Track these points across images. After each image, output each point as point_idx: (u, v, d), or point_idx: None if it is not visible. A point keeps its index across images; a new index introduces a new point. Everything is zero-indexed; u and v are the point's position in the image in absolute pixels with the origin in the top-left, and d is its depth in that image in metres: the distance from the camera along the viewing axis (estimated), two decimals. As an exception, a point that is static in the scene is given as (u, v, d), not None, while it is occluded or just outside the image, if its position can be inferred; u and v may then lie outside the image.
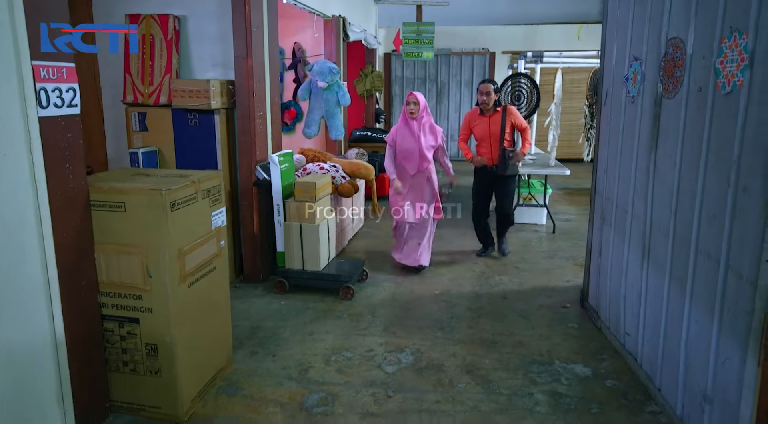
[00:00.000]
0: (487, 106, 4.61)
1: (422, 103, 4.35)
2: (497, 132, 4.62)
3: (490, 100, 4.58)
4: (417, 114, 4.32)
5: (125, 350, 2.54)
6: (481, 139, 4.72)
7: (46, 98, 2.15)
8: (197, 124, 4.19)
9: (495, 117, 4.65)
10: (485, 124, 4.67)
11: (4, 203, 2.02)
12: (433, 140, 4.41)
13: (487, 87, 4.59)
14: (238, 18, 4.04)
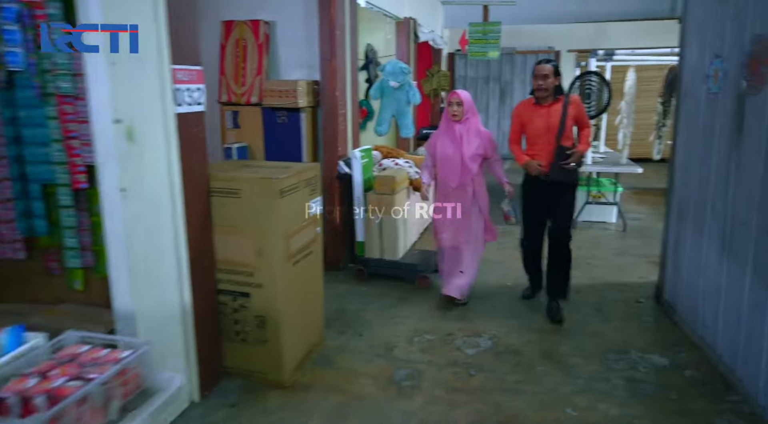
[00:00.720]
0: (544, 94, 3.51)
1: (467, 103, 3.68)
2: (556, 125, 3.50)
3: (549, 85, 3.48)
4: (461, 116, 3.66)
5: (237, 321, 2.85)
6: (536, 137, 3.59)
7: (180, 97, 2.46)
8: (285, 121, 4.51)
9: (555, 108, 3.53)
10: (542, 117, 3.54)
11: (150, 191, 2.35)
12: (479, 147, 3.69)
13: (544, 68, 3.48)
14: (324, 22, 4.32)
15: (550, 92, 3.51)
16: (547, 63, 3.51)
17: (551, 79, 3.48)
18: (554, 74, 3.49)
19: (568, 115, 3.50)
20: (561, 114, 3.50)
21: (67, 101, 2.29)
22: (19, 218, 2.50)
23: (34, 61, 2.26)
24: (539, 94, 3.52)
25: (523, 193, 3.76)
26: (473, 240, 3.82)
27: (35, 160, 2.42)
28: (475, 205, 3.78)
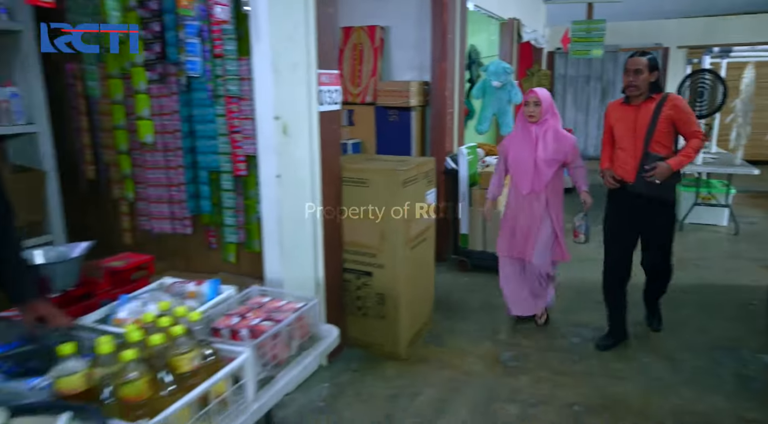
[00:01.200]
0: (635, 92, 2.98)
1: (545, 103, 3.30)
2: (644, 128, 2.98)
3: (641, 83, 2.95)
4: (538, 117, 3.27)
5: (359, 297, 3.19)
6: (622, 141, 3.10)
7: (323, 97, 2.84)
8: (396, 119, 4.84)
9: (646, 108, 3.00)
10: (630, 118, 3.04)
11: (297, 178, 2.74)
12: (558, 153, 3.28)
13: (637, 61, 2.96)
14: (436, 26, 4.60)
15: (642, 90, 2.97)
16: (642, 55, 2.98)
17: (645, 75, 2.95)
18: (650, 69, 2.96)
19: (660, 117, 2.95)
20: (652, 115, 2.97)
21: (233, 101, 2.72)
22: (189, 199, 2.99)
23: (209, 68, 2.72)
24: (629, 92, 3.02)
25: (607, 205, 3.26)
26: (544, 256, 3.40)
27: (205, 151, 2.89)
28: (547, 216, 3.36)
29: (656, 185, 2.94)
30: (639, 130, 3.01)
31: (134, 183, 3.14)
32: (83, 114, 3.19)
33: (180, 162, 2.95)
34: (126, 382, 1.22)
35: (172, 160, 2.98)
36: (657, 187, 2.95)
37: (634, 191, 3.03)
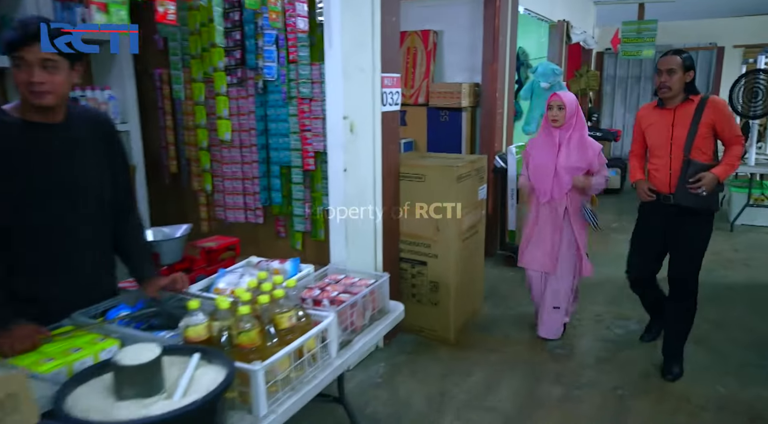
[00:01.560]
0: (668, 94, 2.76)
1: (570, 107, 3.12)
2: (682, 135, 2.76)
3: (675, 83, 2.72)
4: (562, 121, 3.10)
5: (414, 285, 3.43)
6: (656, 148, 2.88)
7: (385, 99, 3.09)
8: (447, 120, 5.05)
9: (683, 112, 2.77)
10: (664, 123, 2.82)
11: (360, 173, 3.00)
12: (581, 161, 3.12)
13: (669, 61, 2.73)
14: (488, 30, 4.79)
15: (675, 92, 2.75)
16: (675, 54, 2.76)
17: (678, 75, 2.72)
18: (684, 69, 2.72)
19: (702, 121, 2.73)
20: (691, 119, 2.74)
21: (305, 102, 3.01)
22: (262, 191, 3.30)
23: (284, 73, 3.02)
24: (661, 94, 2.79)
25: (638, 215, 3.09)
26: (565, 269, 3.27)
27: (277, 147, 3.20)
28: (568, 227, 3.21)
29: (700, 198, 2.72)
30: (677, 136, 2.78)
31: (212, 176, 3.48)
32: (169, 114, 3.55)
33: (254, 157, 3.26)
34: (241, 331, 1.49)
35: (248, 155, 3.30)
36: (702, 198, 2.73)
37: (675, 203, 2.79)
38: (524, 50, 6.99)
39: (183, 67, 3.39)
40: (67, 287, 1.69)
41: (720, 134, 2.77)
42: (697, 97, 2.78)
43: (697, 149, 2.75)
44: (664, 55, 2.80)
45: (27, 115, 1.57)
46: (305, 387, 1.60)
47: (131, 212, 1.91)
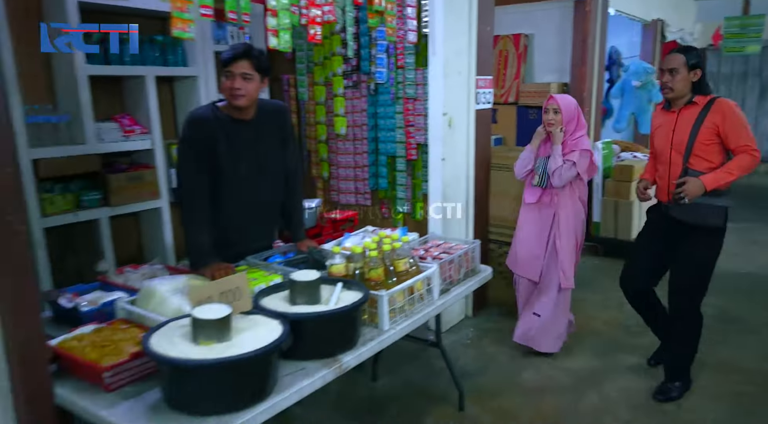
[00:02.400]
0: (670, 94, 2.57)
1: (566, 112, 2.94)
2: (684, 141, 2.55)
3: (677, 84, 2.52)
4: (558, 125, 2.96)
5: (500, 264, 3.85)
6: (659, 153, 2.73)
7: (479, 98, 3.55)
8: (535, 117, 5.39)
9: (686, 115, 2.57)
10: (668, 127, 2.64)
11: (456, 162, 3.47)
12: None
13: (672, 59, 2.54)
14: (577, 33, 5.08)
15: (679, 93, 2.54)
16: (680, 52, 2.56)
17: (682, 75, 2.51)
18: (689, 67, 2.51)
19: (702, 126, 2.49)
20: (693, 123, 2.52)
21: (410, 102, 3.54)
22: (370, 177, 3.87)
23: (392, 77, 3.56)
24: (664, 94, 2.62)
25: (644, 223, 2.94)
26: (549, 278, 3.11)
27: (385, 140, 3.75)
28: (556, 233, 3.04)
29: (695, 210, 2.51)
30: (676, 141, 2.59)
31: (329, 165, 4.10)
32: (294, 112, 4.23)
33: (365, 149, 3.85)
34: (371, 268, 2.04)
35: (359, 147, 3.89)
36: (696, 212, 2.51)
37: (669, 213, 2.61)
38: (616, 49, 7.12)
39: (307, 72, 4.04)
40: (249, 236, 2.34)
41: (724, 141, 2.49)
42: (703, 99, 2.54)
43: (697, 157, 2.51)
44: (669, 52, 2.64)
45: (231, 113, 2.22)
46: (415, 316, 2.12)
47: (297, 185, 2.54)
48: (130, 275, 2.28)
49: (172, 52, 3.36)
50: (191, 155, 2.18)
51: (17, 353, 1.53)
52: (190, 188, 2.20)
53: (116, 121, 3.25)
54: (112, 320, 1.89)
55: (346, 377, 2.80)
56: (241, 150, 2.24)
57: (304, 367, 1.72)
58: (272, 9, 2.23)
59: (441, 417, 2.69)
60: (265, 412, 1.52)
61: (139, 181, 3.31)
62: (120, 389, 1.59)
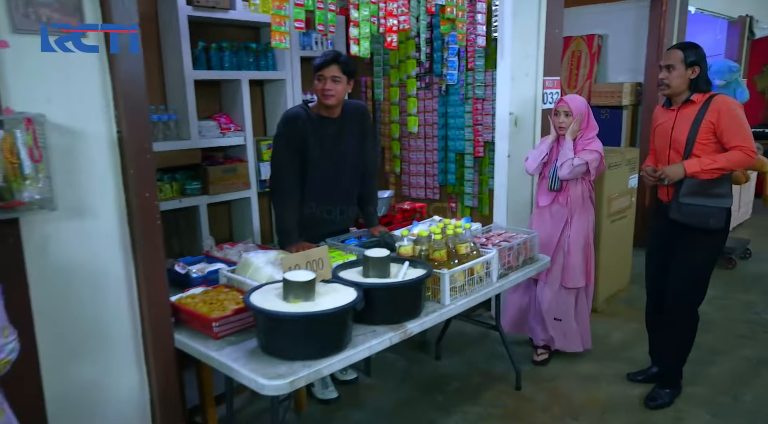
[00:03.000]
0: (666, 91, 2.56)
1: (577, 113, 2.97)
2: (683, 139, 2.52)
3: (673, 80, 2.50)
4: (568, 129, 2.96)
5: (564, 258, 3.98)
6: (658, 151, 2.72)
7: (546, 98, 3.69)
8: (607, 117, 5.42)
9: (685, 113, 2.53)
10: (667, 125, 2.62)
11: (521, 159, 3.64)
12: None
13: (669, 55, 2.53)
14: (652, 33, 5.07)
15: (676, 90, 2.52)
16: (679, 48, 2.52)
17: (678, 72, 2.48)
18: (687, 64, 2.47)
19: (701, 125, 2.46)
20: (692, 122, 2.48)
21: (478, 102, 3.75)
22: (439, 173, 4.11)
23: (462, 78, 3.79)
24: (660, 92, 2.61)
25: (651, 228, 2.94)
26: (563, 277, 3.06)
27: (454, 138, 3.98)
28: (569, 234, 3.02)
29: (694, 212, 2.48)
30: (674, 140, 2.57)
31: (401, 161, 4.38)
32: (370, 112, 4.54)
33: (435, 146, 4.09)
34: (435, 250, 2.29)
35: (429, 144, 4.14)
36: (698, 214, 2.48)
37: (669, 215, 2.57)
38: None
39: (383, 75, 4.34)
40: (332, 219, 2.66)
41: (720, 139, 2.45)
42: (702, 97, 2.50)
43: (696, 158, 2.48)
44: (668, 49, 2.61)
45: (320, 111, 2.56)
46: (474, 294, 2.35)
47: (372, 176, 2.84)
48: (228, 251, 2.66)
49: (263, 57, 3.76)
50: (285, 148, 2.53)
51: (147, 305, 1.91)
52: (282, 177, 2.55)
53: (215, 119, 3.69)
54: (216, 285, 2.26)
55: (413, 356, 3.14)
56: (326, 144, 2.57)
57: (375, 330, 2.00)
58: (355, 20, 2.53)
59: (498, 394, 2.89)
60: (342, 361, 1.81)
61: (233, 173, 3.73)
62: (225, 337, 1.94)
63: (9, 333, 1.27)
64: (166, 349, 1.97)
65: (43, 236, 1.71)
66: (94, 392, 1.90)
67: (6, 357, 1.26)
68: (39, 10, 1.57)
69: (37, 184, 1.57)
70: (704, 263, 2.61)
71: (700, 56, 2.51)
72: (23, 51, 1.61)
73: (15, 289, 1.62)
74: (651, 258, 2.86)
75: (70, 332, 1.82)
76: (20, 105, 1.61)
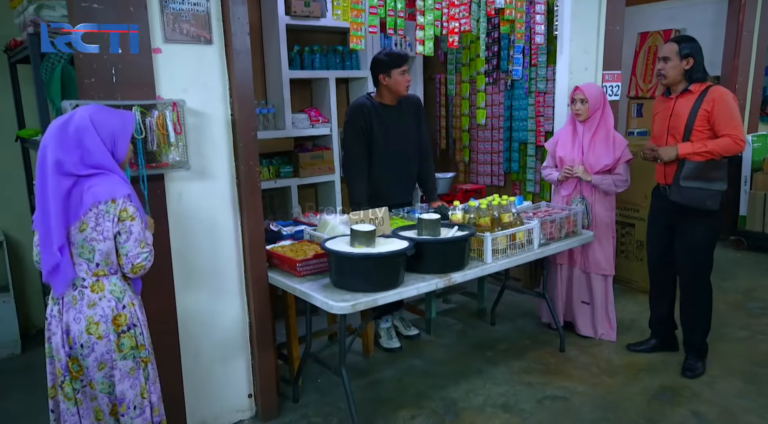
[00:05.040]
0: (663, 81, 2.78)
1: (593, 100, 3.12)
2: (680, 126, 2.72)
3: (669, 71, 2.72)
4: (585, 115, 3.13)
5: (622, 243, 4.19)
6: (656, 138, 2.92)
7: (606, 90, 3.94)
8: (683, 111, 5.46)
9: (682, 102, 2.73)
10: (665, 113, 2.82)
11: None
12: (606, 156, 3.11)
13: (666, 48, 2.75)
14: (730, 26, 5.08)
15: (672, 80, 2.74)
16: (675, 41, 2.74)
17: (674, 63, 2.69)
18: (681, 56, 2.68)
19: (698, 114, 2.65)
20: (690, 111, 2.68)
21: (540, 95, 4.07)
22: (504, 161, 4.46)
23: (527, 74, 4.12)
24: (659, 81, 2.84)
25: (650, 207, 3.09)
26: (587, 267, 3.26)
27: (518, 129, 4.32)
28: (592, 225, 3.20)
29: (693, 194, 2.68)
30: (672, 126, 2.78)
31: (470, 151, 4.78)
32: (443, 106, 4.98)
33: (501, 137, 4.45)
34: (482, 217, 2.70)
35: (496, 135, 4.50)
36: (692, 195, 2.68)
37: (670, 198, 2.77)
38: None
39: (455, 72, 4.75)
40: (391, 192, 3.14)
41: (712, 127, 2.66)
42: (699, 87, 2.70)
43: (690, 142, 2.68)
44: (668, 41, 2.82)
45: (382, 100, 3.06)
46: (514, 257, 2.73)
47: (428, 157, 3.31)
48: (311, 218, 3.22)
49: (348, 58, 4.33)
50: (353, 132, 3.04)
51: (249, 250, 2.49)
52: (352, 156, 3.07)
53: (306, 112, 4.30)
54: (301, 240, 2.82)
55: (470, 322, 3.57)
56: (389, 127, 3.06)
57: (424, 277, 2.45)
58: (420, 24, 2.99)
59: (543, 354, 3.22)
60: (394, 295, 2.29)
61: (320, 160, 4.32)
62: (306, 276, 2.48)
63: (144, 246, 1.81)
64: (262, 284, 2.55)
65: (179, 190, 2.34)
66: (208, 313, 2.51)
67: (140, 262, 1.80)
68: (182, 25, 2.18)
69: (178, 150, 2.19)
70: (707, 241, 2.82)
71: (694, 49, 2.70)
72: (169, 55, 2.23)
73: (159, 226, 2.24)
74: (652, 237, 3.07)
75: (194, 265, 2.43)
76: (167, 93, 2.23)
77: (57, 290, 1.75)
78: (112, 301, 1.77)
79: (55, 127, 1.71)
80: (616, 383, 2.89)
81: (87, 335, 1.74)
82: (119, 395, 1.80)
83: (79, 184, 1.71)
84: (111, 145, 1.76)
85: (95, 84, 2.05)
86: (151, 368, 1.88)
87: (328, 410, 2.74)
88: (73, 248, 1.74)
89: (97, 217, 1.72)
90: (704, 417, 2.58)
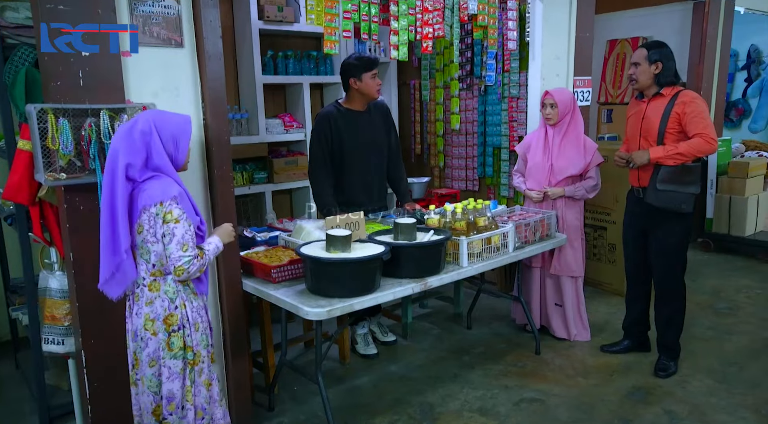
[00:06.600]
0: (634, 85, 2.87)
1: (563, 104, 3.17)
2: (652, 129, 2.78)
3: (639, 76, 2.81)
4: (555, 119, 3.18)
5: (594, 246, 4.25)
6: (629, 140, 3.00)
7: (577, 96, 4.00)
8: (651, 116, 5.59)
9: (654, 105, 2.81)
10: (637, 116, 2.91)
11: (552, 150, 3.97)
12: (579, 161, 3.17)
13: (636, 54, 2.84)
14: (695, 34, 5.23)
15: (643, 84, 2.82)
16: (645, 47, 2.82)
17: (643, 67, 2.78)
18: (650, 61, 2.76)
19: (669, 117, 2.72)
20: (661, 114, 2.75)
21: (513, 100, 4.12)
22: (479, 166, 4.50)
23: (500, 79, 4.17)
24: (631, 86, 2.93)
25: (626, 209, 3.16)
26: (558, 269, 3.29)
27: (492, 134, 4.36)
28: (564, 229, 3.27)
29: (669, 197, 2.73)
30: (645, 129, 2.85)
31: (444, 156, 4.80)
32: (417, 111, 4.99)
33: (475, 142, 4.48)
34: (456, 221, 2.70)
35: (470, 140, 4.53)
36: (668, 198, 2.73)
37: (645, 200, 2.84)
38: (757, 48, 6.90)
39: (430, 78, 4.78)
40: (364, 198, 3.13)
41: (684, 129, 2.72)
42: (671, 91, 2.79)
43: (662, 145, 2.74)
44: (638, 47, 2.92)
45: (351, 106, 3.04)
46: (490, 261, 2.74)
47: (398, 163, 3.30)
48: (286, 223, 3.19)
49: (322, 64, 4.31)
50: (317, 141, 3.02)
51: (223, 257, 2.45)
52: (317, 162, 3.04)
53: (280, 118, 4.26)
54: (275, 246, 2.78)
55: (447, 326, 3.57)
56: (359, 132, 3.04)
57: (400, 281, 2.44)
58: (394, 29, 3.00)
59: (519, 356, 3.24)
60: (371, 300, 2.28)
61: (294, 165, 4.29)
62: (281, 282, 2.44)
63: (187, 249, 1.81)
64: (236, 291, 2.50)
65: (149, 196, 2.28)
66: (181, 321, 2.45)
67: (181, 265, 1.80)
68: (152, 28, 2.14)
69: (148, 155, 2.13)
70: (680, 242, 2.90)
71: (663, 54, 2.80)
72: (139, 58, 2.18)
73: (130, 233, 2.18)
74: (628, 239, 3.12)
75: (166, 272, 2.37)
76: (137, 97, 2.18)
77: (113, 294, 1.85)
78: (166, 301, 1.86)
79: (123, 132, 1.82)
80: (591, 384, 2.92)
81: (144, 330, 1.85)
82: (167, 394, 1.87)
83: (137, 188, 1.82)
84: (172, 147, 1.86)
85: (61, 87, 1.99)
86: (197, 370, 1.92)
87: (304, 418, 2.70)
88: (135, 249, 1.86)
89: (150, 219, 1.81)
90: (676, 415, 2.63)
